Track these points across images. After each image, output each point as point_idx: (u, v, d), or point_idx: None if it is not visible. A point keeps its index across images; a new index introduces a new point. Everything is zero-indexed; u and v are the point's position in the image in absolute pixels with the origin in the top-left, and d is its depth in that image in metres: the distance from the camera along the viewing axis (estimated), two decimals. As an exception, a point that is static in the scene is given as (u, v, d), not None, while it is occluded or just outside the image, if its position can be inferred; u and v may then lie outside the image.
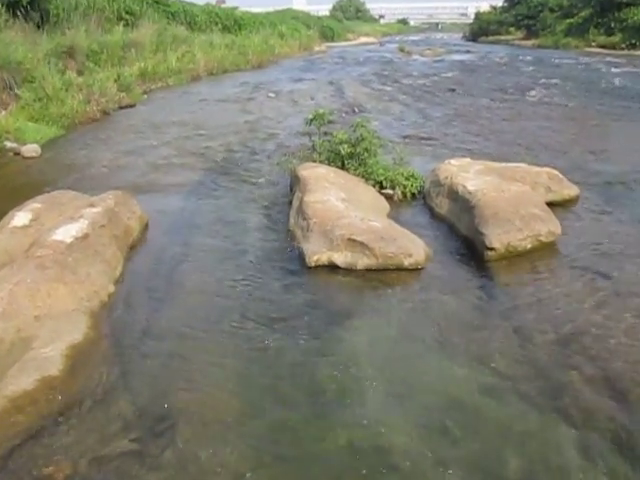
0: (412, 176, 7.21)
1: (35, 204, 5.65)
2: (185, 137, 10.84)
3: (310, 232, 5.44)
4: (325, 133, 8.11)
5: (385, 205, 6.64)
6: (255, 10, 37.59)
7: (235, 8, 33.40)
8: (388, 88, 16.67)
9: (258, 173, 8.34)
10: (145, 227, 6.27)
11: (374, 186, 7.08)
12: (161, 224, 6.43)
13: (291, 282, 4.98)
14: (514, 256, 5.30)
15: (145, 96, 15.28)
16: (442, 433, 3.18)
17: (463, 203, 6.03)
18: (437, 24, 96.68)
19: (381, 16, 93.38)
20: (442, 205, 6.47)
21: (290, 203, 6.53)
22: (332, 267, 5.18)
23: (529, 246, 5.37)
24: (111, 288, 4.82)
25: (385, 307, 4.56)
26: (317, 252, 5.22)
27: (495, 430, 3.21)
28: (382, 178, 7.11)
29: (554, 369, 3.70)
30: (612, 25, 31.35)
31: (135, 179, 8.16)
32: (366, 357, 3.88)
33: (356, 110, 13.12)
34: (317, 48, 32.56)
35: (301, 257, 5.35)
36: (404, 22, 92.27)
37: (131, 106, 13.84)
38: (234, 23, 29.53)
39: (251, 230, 6.23)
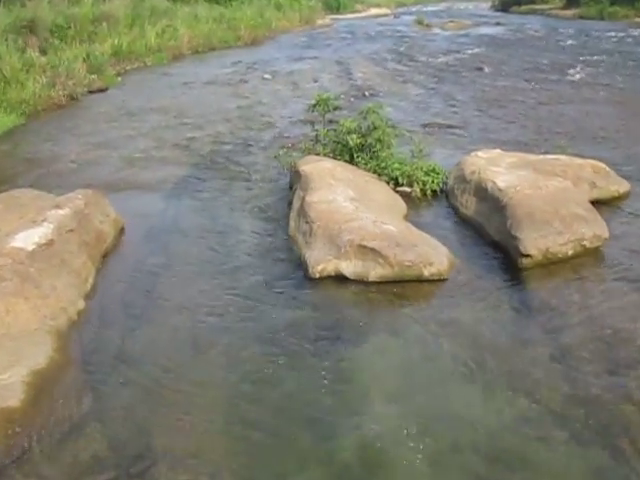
0: (433, 171, 7.24)
1: (-10, 205, 5.77)
2: (166, 126, 10.90)
3: (313, 237, 5.48)
4: (330, 121, 8.14)
5: (401, 205, 6.67)
6: (248, -23, 37.62)
7: (224, -25, 33.48)
8: (404, 68, 16.70)
9: (252, 169, 8.39)
10: (120, 232, 6.32)
11: (388, 183, 7.12)
12: (139, 229, 6.48)
13: (291, 297, 5.02)
14: (553, 264, 5.33)
15: (119, 78, 15.35)
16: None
17: (493, 202, 6.04)
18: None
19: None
20: (468, 205, 6.51)
21: (290, 204, 6.58)
22: (339, 278, 5.22)
23: (571, 252, 5.39)
24: (81, 304, 4.86)
25: (402, 326, 4.59)
26: (322, 261, 5.25)
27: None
28: (398, 173, 7.15)
29: (609, 403, 3.65)
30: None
31: (108, 176, 8.23)
32: (381, 388, 3.90)
33: (367, 94, 13.15)
34: (320, 21, 32.63)
35: (303, 267, 5.39)
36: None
37: (103, 90, 13.92)
38: (223, -7, 29.65)
39: (244, 236, 6.29)
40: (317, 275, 5.21)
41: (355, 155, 7.36)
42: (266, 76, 15.79)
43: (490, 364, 4.11)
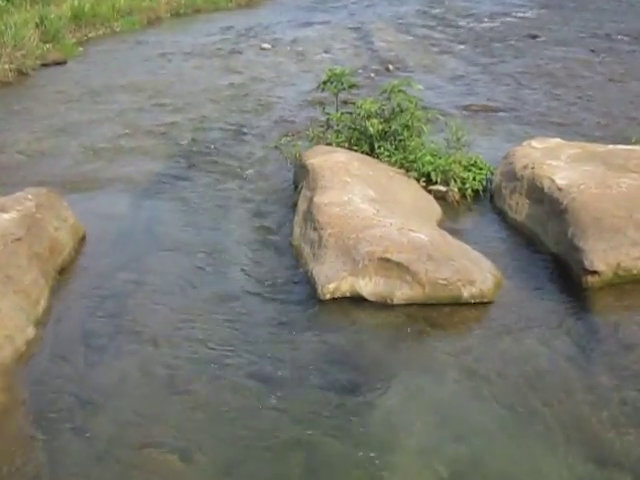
0: (474, 165, 7.25)
1: None
2: (139, 109, 10.91)
3: (323, 249, 5.49)
4: (345, 102, 8.20)
5: (435, 208, 6.67)
6: None
7: None
8: (439, 35, 16.67)
9: (247, 162, 8.41)
10: (81, 242, 6.35)
11: (418, 180, 7.12)
12: (104, 237, 6.51)
13: (294, 324, 5.03)
14: (627, 283, 5.29)
15: (80, 48, 15.33)
16: None
17: (550, 205, 6.04)
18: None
19: None
20: (519, 208, 6.49)
21: (294, 206, 6.59)
22: (356, 300, 5.23)
23: (649, 268, 5.35)
24: (30, 331, 4.85)
25: (436, 362, 4.58)
26: (334, 278, 5.25)
27: None
28: (430, 168, 7.14)
29: None
30: None
31: (66, 171, 8.26)
32: (409, 441, 3.88)
33: (391, 68, 13.15)
34: (333, -24, 32.68)
35: (310, 285, 5.40)
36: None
37: (60, 63, 13.93)
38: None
39: (236, 247, 6.31)
40: (328, 296, 5.22)
41: (376, 145, 7.36)
42: (265, 46, 15.81)
43: (545, 413, 4.09)
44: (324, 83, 7.89)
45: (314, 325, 5.06)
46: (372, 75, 12.42)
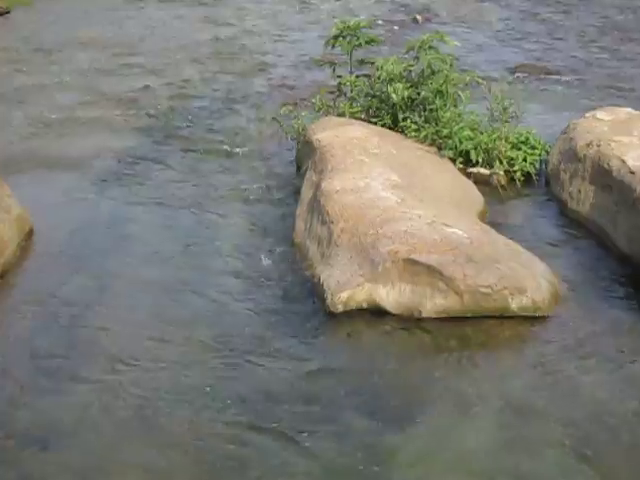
0: (525, 142, 7.26)
1: None
2: (102, 70, 10.90)
3: (334, 248, 5.49)
4: (361, 62, 8.11)
5: (475, 196, 6.69)
6: None
7: None
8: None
9: (237, 138, 8.46)
10: (27, 238, 6.35)
11: (454, 161, 7.15)
12: (56, 233, 6.50)
13: (297, 346, 5.00)
14: None
15: (28, -6, 15.37)
16: None
17: (621, 192, 6.02)
18: None
19: None
20: (581, 196, 6.48)
21: (297, 194, 6.60)
22: (375, 313, 5.22)
23: None
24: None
25: (475, 394, 4.52)
26: (347, 285, 5.22)
27: None
28: (470, 146, 7.14)
29: None
30: None
31: (9, 148, 8.26)
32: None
33: (419, 19, 13.10)
34: None
35: (317, 294, 5.40)
36: None
37: (2, 13, 14.00)
38: None
39: (223, 246, 6.32)
40: (340, 308, 5.19)
41: (401, 116, 7.36)
42: (259, -11, 15.74)
43: (614, 460, 4.03)
44: (335, 38, 7.88)
45: (321, 346, 5.06)
46: (395, 28, 12.38)
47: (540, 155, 7.23)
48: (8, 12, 14.09)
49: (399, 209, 5.69)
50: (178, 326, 5.26)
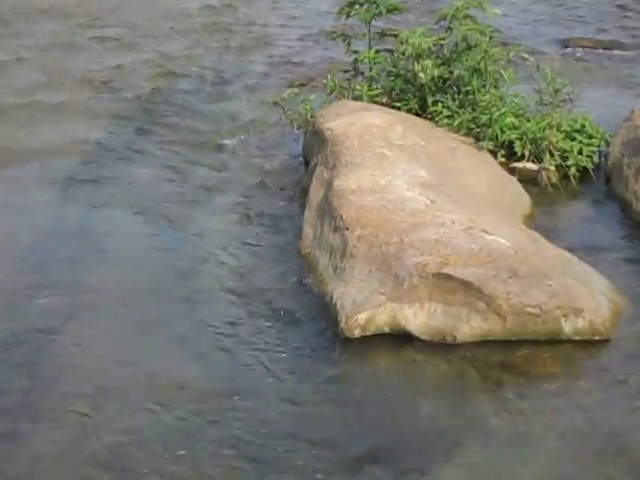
0: (581, 131, 7.28)
1: None
2: (67, 45, 10.98)
3: (350, 259, 5.52)
4: (382, 34, 8.15)
5: (521, 197, 6.76)
6: None
7: None
8: None
9: (231, 127, 8.56)
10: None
11: (495, 154, 7.19)
12: (13, 241, 6.55)
13: (303, 380, 5.00)
14: None
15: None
16: None
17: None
18: None
19: None
20: (651, 197, 6.48)
21: (304, 195, 6.65)
22: (399, 338, 5.25)
23: None
24: None
25: (523, 436, 4.49)
26: (366, 305, 5.24)
27: None
28: (514, 136, 7.16)
29: None
30: None
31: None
32: None
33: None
34: None
35: (329, 316, 5.42)
36: None
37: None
38: None
39: (215, 258, 6.34)
40: (356, 332, 5.20)
41: (430, 100, 7.40)
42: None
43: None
44: (350, 5, 7.91)
45: (335, 380, 5.04)
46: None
47: (599, 146, 7.25)
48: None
49: (428, 212, 5.71)
50: (161, 358, 5.27)
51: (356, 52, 7.97)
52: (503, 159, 7.16)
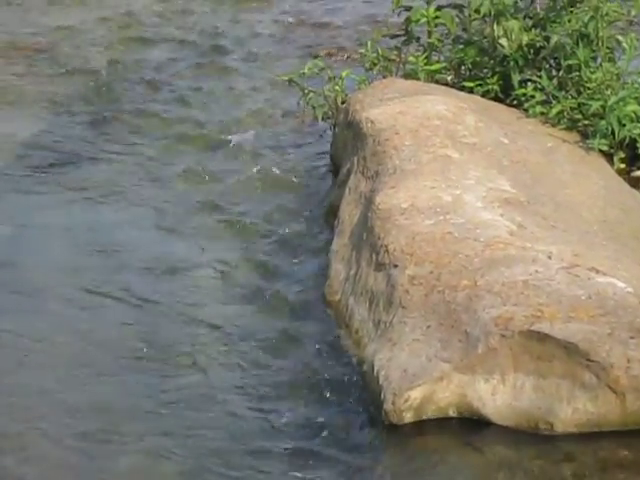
0: None
1: None
2: (17, 4, 10.58)
3: (399, 310, 4.91)
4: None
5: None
6: None
7: None
8: None
9: (228, 115, 8.13)
10: None
11: (611, 156, 6.54)
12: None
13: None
14: None
15: None
16: None
17: None
18: None
19: None
20: None
21: (331, 214, 6.27)
22: (470, 425, 4.52)
23: None
24: None
25: None
26: (421, 377, 4.60)
27: None
28: (637, 131, 6.46)
29: None
30: None
31: None
32: None
33: None
34: None
35: (370, 393, 4.75)
36: None
37: None
38: None
39: (207, 309, 5.83)
40: (408, 417, 4.50)
41: (517, 79, 6.81)
42: None
43: None
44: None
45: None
46: None
47: None
48: None
49: (514, 243, 5.01)
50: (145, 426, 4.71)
51: (409, 8, 7.12)
52: (622, 165, 6.52)
